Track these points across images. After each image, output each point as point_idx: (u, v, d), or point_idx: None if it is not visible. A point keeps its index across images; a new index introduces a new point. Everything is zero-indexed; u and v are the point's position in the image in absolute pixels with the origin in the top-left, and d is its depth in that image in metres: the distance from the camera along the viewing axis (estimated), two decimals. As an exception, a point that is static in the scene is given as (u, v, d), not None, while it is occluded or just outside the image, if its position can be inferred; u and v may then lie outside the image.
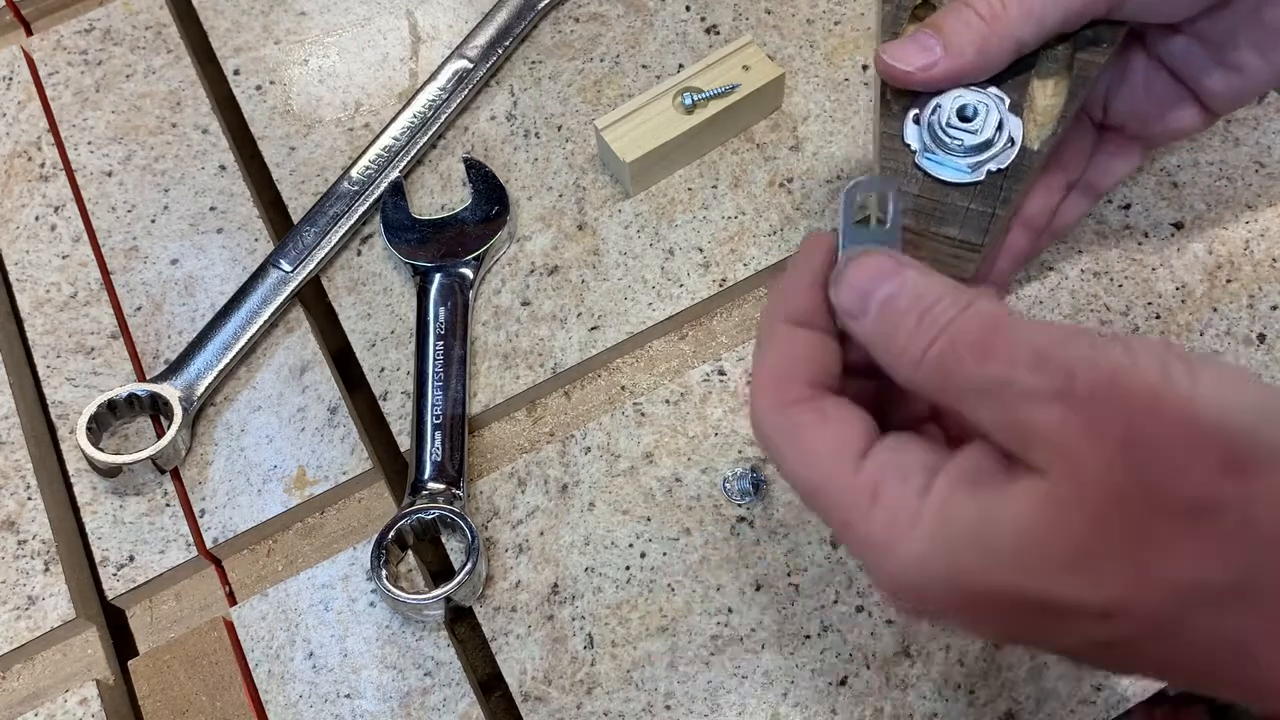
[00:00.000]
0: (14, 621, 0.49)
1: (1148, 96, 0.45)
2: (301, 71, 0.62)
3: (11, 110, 0.62)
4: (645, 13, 0.62)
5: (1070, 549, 0.28)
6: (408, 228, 0.55)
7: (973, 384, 0.30)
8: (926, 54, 0.37)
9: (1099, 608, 0.28)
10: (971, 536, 0.29)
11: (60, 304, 0.56)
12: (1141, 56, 0.45)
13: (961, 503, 0.30)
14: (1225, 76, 0.43)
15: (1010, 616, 0.29)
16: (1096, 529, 0.27)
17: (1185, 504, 0.27)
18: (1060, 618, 0.28)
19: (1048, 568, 0.28)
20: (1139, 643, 0.28)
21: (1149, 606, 0.27)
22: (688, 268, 0.55)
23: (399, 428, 0.52)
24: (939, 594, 0.30)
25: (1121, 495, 0.27)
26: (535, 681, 0.47)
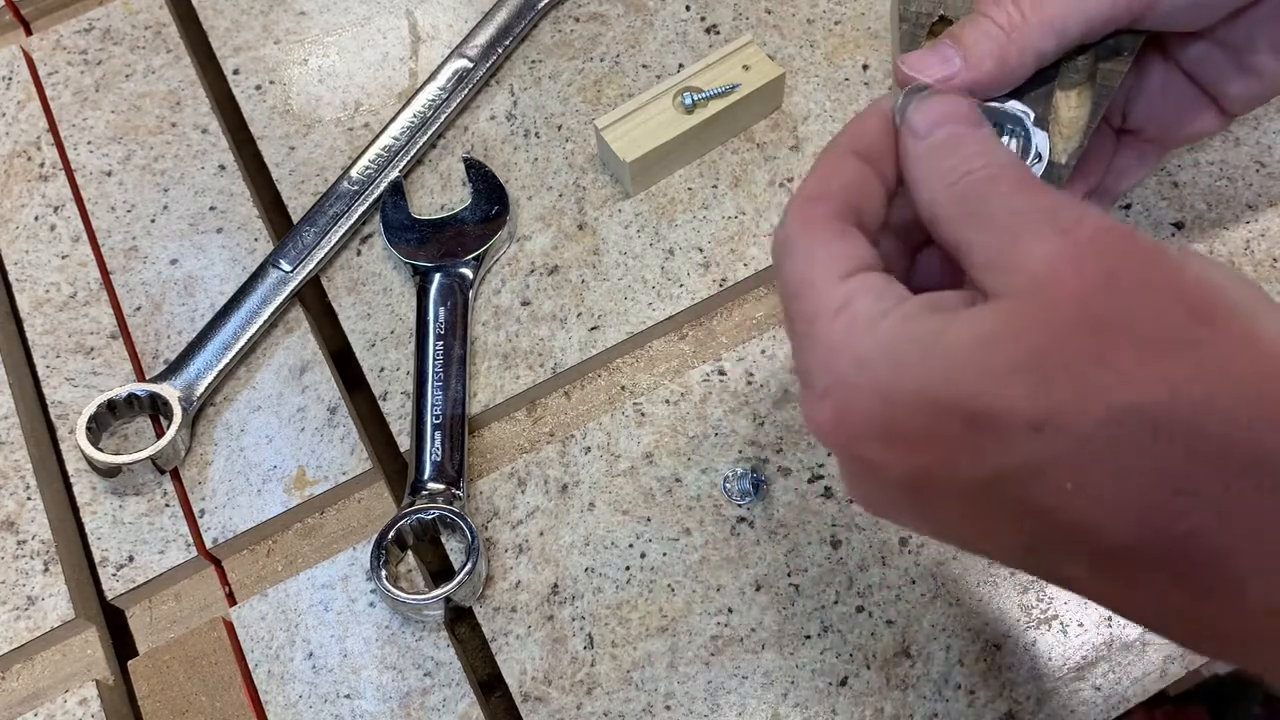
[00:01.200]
0: (14, 622, 0.49)
1: (1165, 101, 0.45)
2: (301, 71, 0.62)
3: (11, 110, 0.62)
4: (645, 12, 0.62)
5: (1014, 360, 0.28)
6: (408, 228, 0.55)
7: (989, 211, 0.31)
8: (946, 65, 0.36)
9: (1031, 418, 0.27)
10: (918, 344, 0.29)
11: (60, 304, 0.56)
12: (1159, 62, 0.45)
13: (919, 318, 0.30)
14: (1243, 80, 0.43)
15: (935, 431, 0.29)
16: (1048, 343, 0.27)
17: (1146, 335, 0.27)
18: (987, 430, 0.28)
19: (986, 377, 0.28)
20: (1064, 466, 0.27)
21: (1084, 422, 0.27)
22: (688, 268, 0.55)
23: (399, 428, 0.52)
24: (863, 402, 0.30)
25: (1084, 317, 0.27)
26: (535, 682, 0.47)
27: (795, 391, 0.52)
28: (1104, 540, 0.28)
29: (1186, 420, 0.26)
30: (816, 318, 0.32)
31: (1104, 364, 0.27)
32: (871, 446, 0.30)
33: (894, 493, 0.31)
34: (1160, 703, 0.48)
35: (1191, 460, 0.26)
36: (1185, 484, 0.27)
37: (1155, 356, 0.27)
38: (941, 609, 0.47)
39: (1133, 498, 0.27)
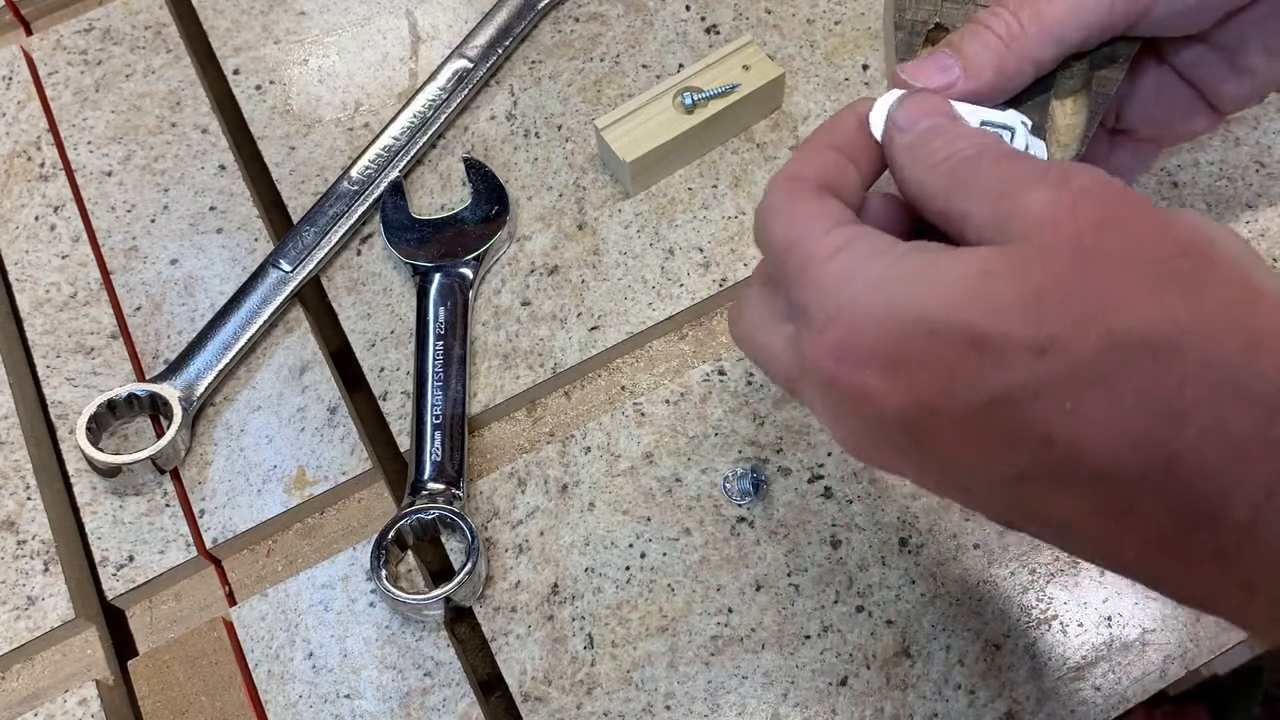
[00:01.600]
0: (14, 621, 0.49)
1: (1159, 102, 0.45)
2: (301, 71, 0.62)
3: (11, 110, 0.62)
4: (645, 12, 0.62)
5: (1015, 290, 0.29)
6: (408, 228, 0.55)
7: (980, 179, 0.32)
8: (945, 74, 0.37)
9: (1033, 342, 0.28)
10: (920, 274, 0.30)
11: (60, 304, 0.56)
12: (1153, 64, 0.45)
13: (919, 254, 0.31)
14: (1236, 80, 0.43)
15: (936, 355, 0.29)
16: (1049, 275, 0.29)
17: (1144, 269, 0.28)
18: (990, 353, 0.29)
19: (988, 304, 0.29)
20: (1063, 388, 0.28)
21: (1084, 345, 0.28)
22: (688, 268, 0.55)
23: (399, 428, 0.52)
24: (867, 329, 0.30)
25: (1083, 253, 0.29)
26: (535, 682, 0.47)
27: (795, 391, 0.52)
28: (1097, 462, 0.29)
29: (1183, 345, 0.28)
30: (810, 261, 0.32)
31: (1103, 292, 0.28)
32: (872, 375, 0.31)
33: (886, 428, 0.32)
34: (1160, 703, 0.48)
35: (1186, 383, 0.28)
36: (1178, 404, 0.28)
37: (1154, 286, 0.28)
38: (941, 609, 0.47)
39: (1128, 418, 0.28)
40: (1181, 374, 0.28)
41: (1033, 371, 0.28)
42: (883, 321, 0.30)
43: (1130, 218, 0.30)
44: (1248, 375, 0.27)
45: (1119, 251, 0.29)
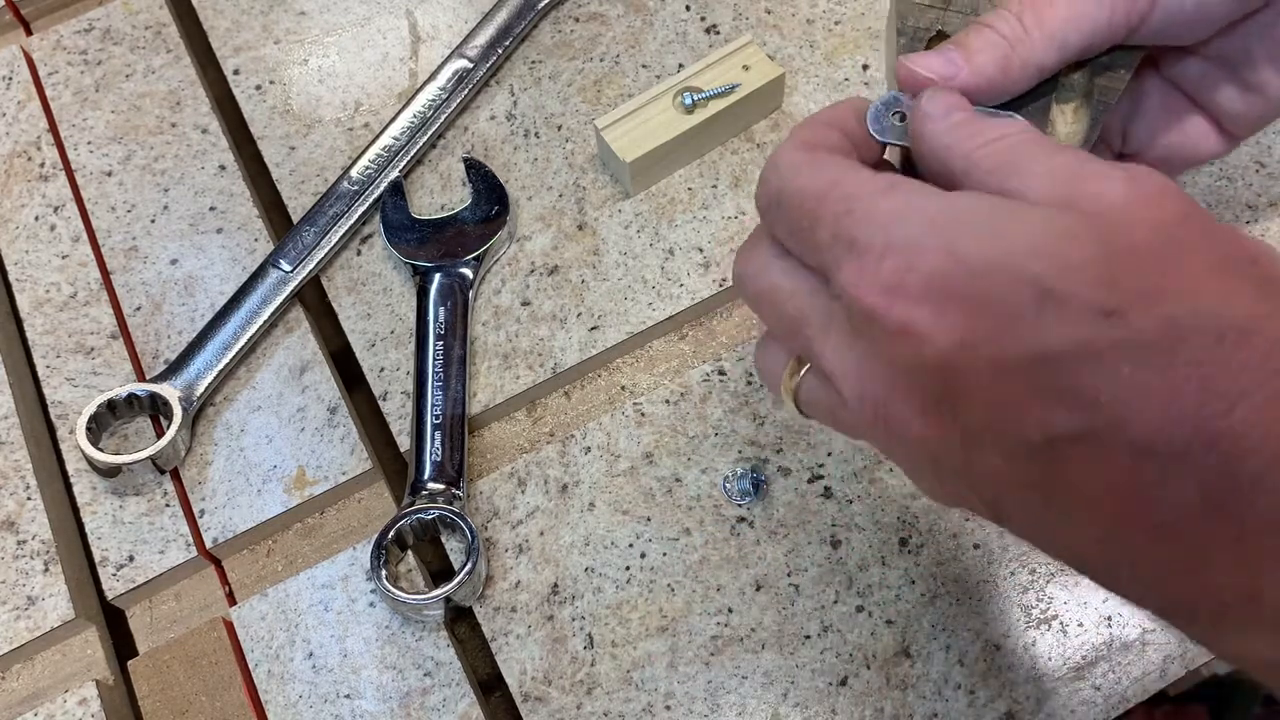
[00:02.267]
0: (14, 621, 0.49)
1: (1165, 123, 0.45)
2: (301, 71, 0.62)
3: (11, 110, 0.62)
4: (645, 12, 0.62)
5: (1093, 253, 0.29)
6: (408, 228, 0.55)
7: (1040, 164, 0.31)
8: (949, 66, 0.37)
9: (1104, 305, 0.28)
10: (996, 217, 0.30)
11: (60, 304, 0.56)
12: (1156, 81, 0.44)
13: (984, 201, 0.31)
14: (1245, 97, 0.43)
15: (1000, 300, 0.29)
16: (1127, 247, 0.29)
17: (1219, 261, 0.29)
18: (1058, 306, 0.28)
19: (1064, 260, 0.29)
20: (1123, 353, 0.28)
21: (1154, 316, 0.28)
22: (688, 268, 0.55)
23: (399, 428, 0.52)
24: (929, 261, 0.30)
25: (1162, 236, 0.29)
26: (535, 682, 0.47)
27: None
28: (1141, 431, 0.28)
29: (1251, 332, 0.28)
30: (858, 199, 0.32)
31: (1179, 272, 0.29)
32: (923, 311, 0.30)
33: (919, 374, 0.31)
34: (1160, 703, 0.48)
35: (1247, 367, 0.28)
36: (1236, 385, 0.28)
37: (1229, 277, 0.29)
38: (941, 609, 0.47)
39: (1183, 390, 0.28)
40: (1245, 358, 0.28)
41: (1096, 332, 0.28)
42: (946, 255, 0.30)
43: (1203, 218, 0.30)
44: None
45: (1193, 241, 0.29)
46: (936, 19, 0.40)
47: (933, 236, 0.30)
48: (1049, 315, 0.29)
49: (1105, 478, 0.29)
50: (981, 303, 0.29)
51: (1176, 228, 0.30)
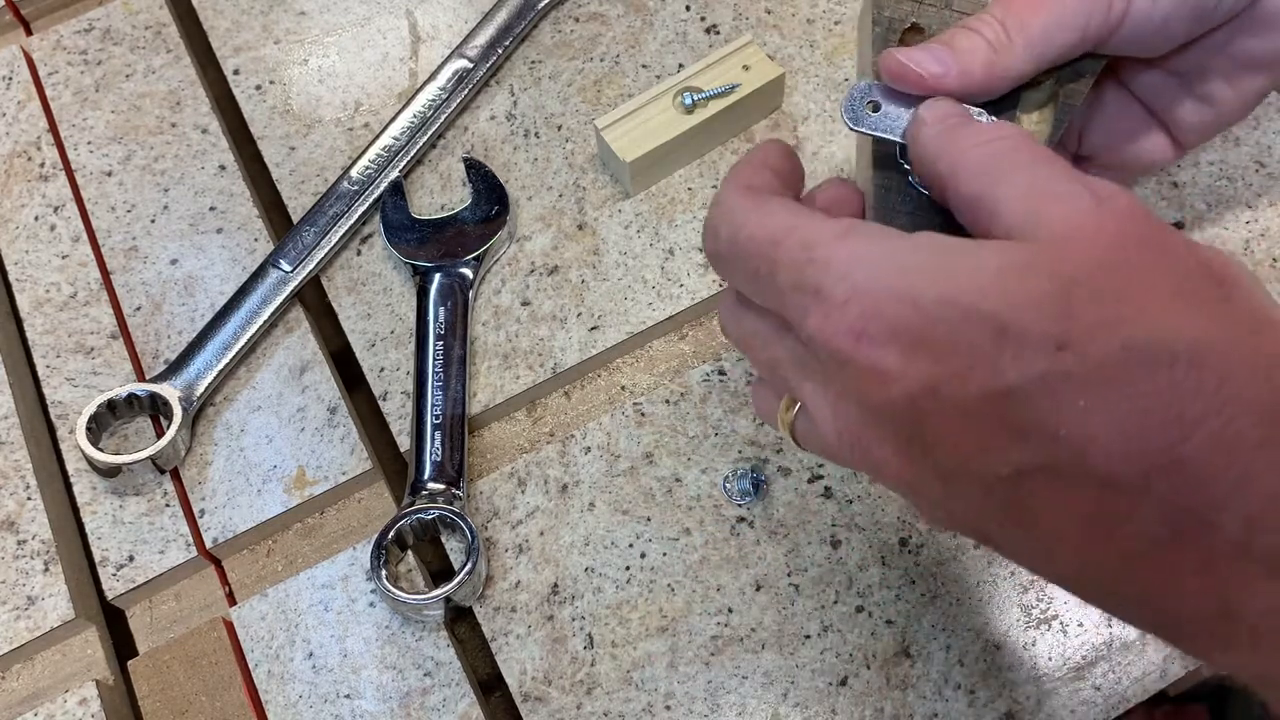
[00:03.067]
0: (14, 621, 0.49)
1: (1120, 128, 0.46)
2: (301, 71, 0.62)
3: (11, 110, 0.62)
4: (645, 12, 0.62)
5: (1045, 287, 0.29)
6: (408, 228, 0.55)
7: (1019, 170, 0.32)
8: (939, 65, 0.37)
9: (1057, 337, 0.29)
10: (948, 259, 0.31)
11: (60, 304, 0.56)
12: (1114, 89, 0.45)
13: (940, 241, 0.31)
14: (1196, 108, 0.44)
15: (958, 340, 0.30)
16: (1079, 276, 0.29)
17: (1171, 283, 0.29)
18: (1013, 343, 0.29)
19: (1016, 297, 0.29)
20: (1080, 385, 0.29)
21: (1107, 346, 0.28)
22: (688, 268, 0.55)
23: (399, 428, 0.52)
24: (891, 308, 0.30)
25: (1115, 261, 0.30)
26: (535, 681, 0.47)
27: (795, 391, 0.52)
28: (1103, 461, 0.29)
29: (1203, 357, 0.28)
30: (816, 246, 0.32)
31: (1130, 299, 0.29)
32: (890, 354, 0.30)
33: (891, 413, 0.31)
34: (1160, 703, 0.48)
35: (1201, 392, 0.28)
36: (1191, 412, 0.28)
37: (1181, 301, 0.29)
38: (941, 609, 0.47)
39: (1140, 419, 0.28)
40: (1198, 383, 0.28)
41: (1051, 366, 0.29)
42: (906, 302, 0.30)
43: (1162, 239, 0.30)
44: (1263, 391, 0.28)
45: (1149, 264, 0.30)
46: (911, 11, 0.40)
47: (894, 281, 0.31)
48: (1006, 352, 0.29)
49: (1072, 509, 0.30)
50: (943, 344, 0.30)
51: (1136, 250, 0.30)
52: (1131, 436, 0.28)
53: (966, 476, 0.31)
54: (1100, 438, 0.29)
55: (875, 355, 0.31)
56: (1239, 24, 0.40)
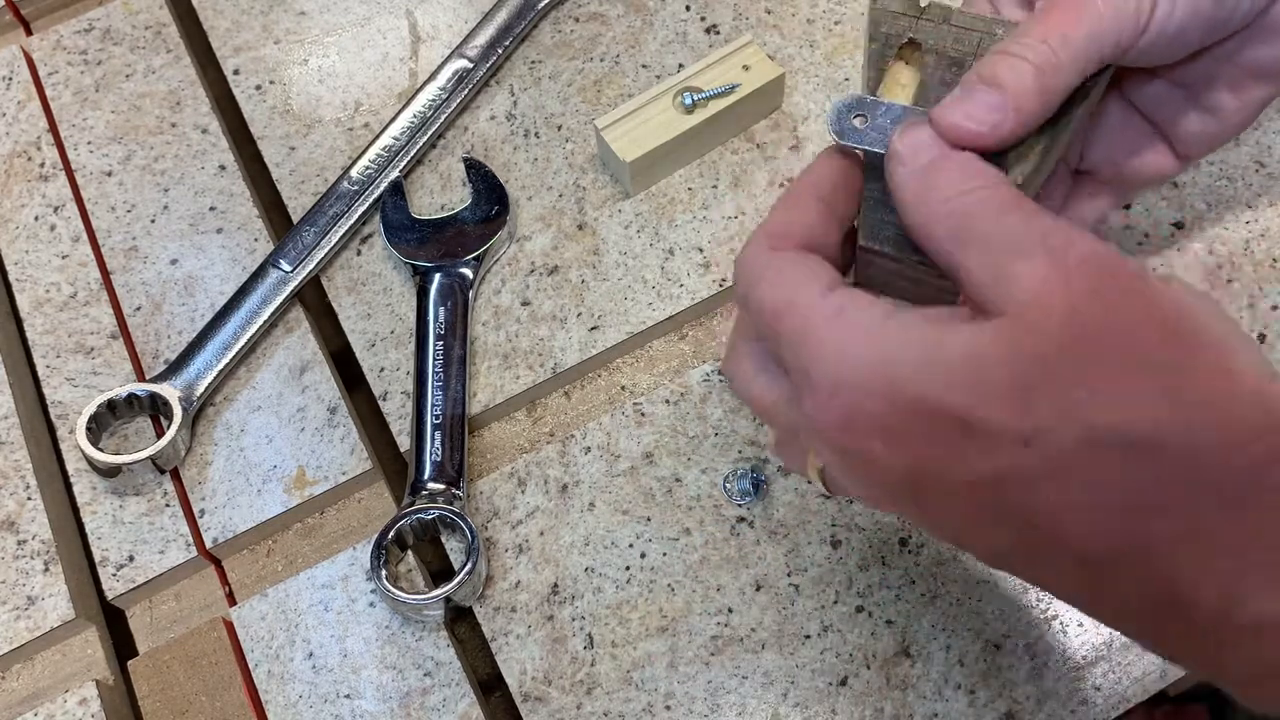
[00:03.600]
0: (14, 621, 0.49)
1: (1121, 141, 0.45)
2: (301, 71, 0.62)
3: (11, 110, 0.62)
4: (645, 12, 0.62)
5: (1006, 378, 0.30)
6: (408, 228, 0.55)
7: (981, 232, 0.32)
8: (995, 111, 0.35)
9: (1020, 432, 0.29)
10: (918, 352, 0.31)
11: (60, 304, 0.56)
12: (1117, 101, 0.45)
13: (919, 327, 0.32)
14: (1200, 118, 0.43)
15: (930, 434, 0.31)
16: (1036, 364, 0.30)
17: (1125, 359, 0.29)
18: (981, 439, 0.30)
19: (981, 391, 0.30)
20: (1048, 477, 0.30)
21: (1066, 438, 0.29)
22: (688, 268, 0.55)
23: (399, 428, 0.52)
24: (871, 404, 0.32)
25: (1070, 340, 0.30)
26: (535, 681, 0.47)
27: (795, 391, 0.52)
28: (1078, 546, 0.30)
29: (1162, 442, 0.29)
30: (809, 329, 0.33)
31: (1086, 385, 0.29)
32: (876, 444, 0.32)
33: (892, 487, 0.33)
34: (1160, 703, 0.48)
35: (1161, 479, 0.29)
36: (1153, 499, 0.29)
37: (1137, 380, 0.29)
38: (941, 609, 0.47)
39: (1106, 509, 0.29)
40: (1158, 470, 0.29)
41: (1018, 460, 0.30)
42: (885, 398, 0.31)
43: (1122, 295, 0.30)
44: (1222, 472, 0.29)
45: (1108, 333, 0.30)
46: (909, 27, 0.40)
47: (874, 374, 0.32)
48: (974, 447, 0.30)
49: (1060, 580, 0.32)
50: (921, 438, 0.31)
51: (1097, 315, 0.30)
52: (1098, 521, 0.29)
53: (976, 542, 0.33)
54: (1072, 526, 0.30)
55: (863, 445, 0.32)
56: (1249, 33, 0.40)
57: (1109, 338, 0.30)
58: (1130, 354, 0.29)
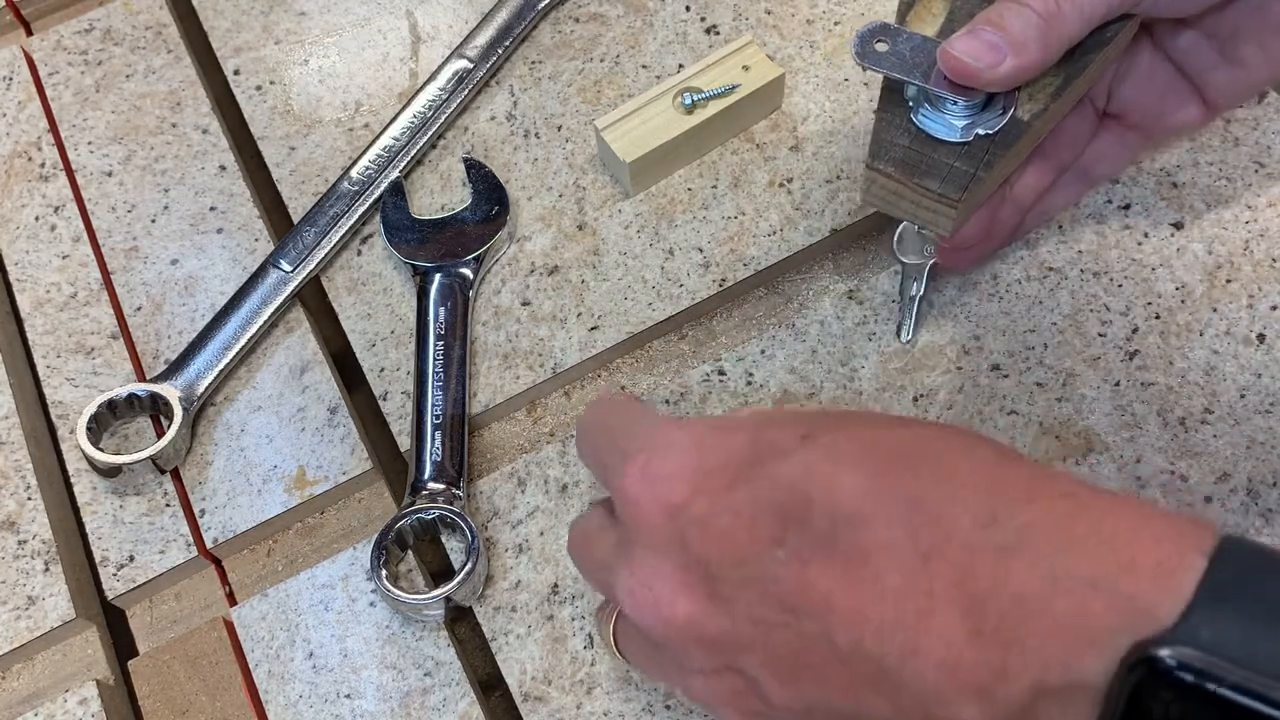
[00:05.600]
0: (14, 621, 0.49)
1: (1151, 88, 0.46)
2: (301, 71, 0.62)
3: (11, 110, 0.62)
4: (645, 13, 0.62)
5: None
6: (408, 228, 0.55)
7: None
8: (994, 52, 0.38)
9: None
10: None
11: (60, 304, 0.56)
12: (1148, 48, 0.46)
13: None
14: (1228, 70, 0.44)
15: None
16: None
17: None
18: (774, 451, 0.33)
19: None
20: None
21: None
22: (688, 268, 0.55)
23: (399, 428, 0.52)
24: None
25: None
26: (535, 681, 0.47)
27: (794, 391, 0.52)
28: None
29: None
30: (655, 430, 0.37)
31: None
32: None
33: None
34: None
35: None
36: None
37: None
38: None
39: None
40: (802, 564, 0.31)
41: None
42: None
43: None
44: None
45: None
46: None
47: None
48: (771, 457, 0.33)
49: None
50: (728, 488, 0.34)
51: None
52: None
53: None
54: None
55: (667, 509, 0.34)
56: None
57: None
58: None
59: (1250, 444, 0.49)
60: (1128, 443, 0.49)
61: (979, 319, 0.52)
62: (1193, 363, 0.51)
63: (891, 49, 0.41)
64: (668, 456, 0.34)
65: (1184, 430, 0.49)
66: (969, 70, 0.39)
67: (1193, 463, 0.48)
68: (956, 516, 0.29)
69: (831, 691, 0.31)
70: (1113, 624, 0.26)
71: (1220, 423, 0.49)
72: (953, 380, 0.51)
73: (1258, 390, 0.50)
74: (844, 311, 0.53)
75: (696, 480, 0.33)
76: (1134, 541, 0.27)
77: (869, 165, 0.43)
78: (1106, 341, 0.51)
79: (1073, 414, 0.50)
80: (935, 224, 0.44)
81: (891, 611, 0.29)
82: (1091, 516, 0.28)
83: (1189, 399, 0.50)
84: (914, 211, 0.43)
